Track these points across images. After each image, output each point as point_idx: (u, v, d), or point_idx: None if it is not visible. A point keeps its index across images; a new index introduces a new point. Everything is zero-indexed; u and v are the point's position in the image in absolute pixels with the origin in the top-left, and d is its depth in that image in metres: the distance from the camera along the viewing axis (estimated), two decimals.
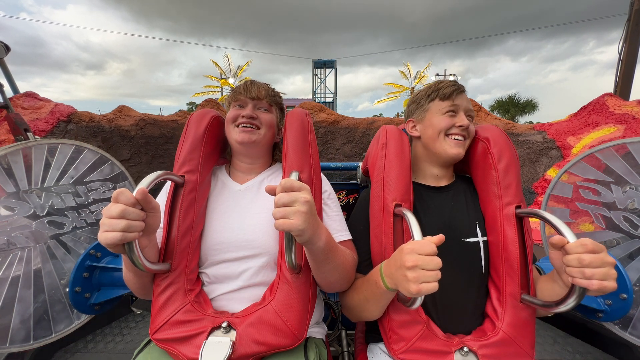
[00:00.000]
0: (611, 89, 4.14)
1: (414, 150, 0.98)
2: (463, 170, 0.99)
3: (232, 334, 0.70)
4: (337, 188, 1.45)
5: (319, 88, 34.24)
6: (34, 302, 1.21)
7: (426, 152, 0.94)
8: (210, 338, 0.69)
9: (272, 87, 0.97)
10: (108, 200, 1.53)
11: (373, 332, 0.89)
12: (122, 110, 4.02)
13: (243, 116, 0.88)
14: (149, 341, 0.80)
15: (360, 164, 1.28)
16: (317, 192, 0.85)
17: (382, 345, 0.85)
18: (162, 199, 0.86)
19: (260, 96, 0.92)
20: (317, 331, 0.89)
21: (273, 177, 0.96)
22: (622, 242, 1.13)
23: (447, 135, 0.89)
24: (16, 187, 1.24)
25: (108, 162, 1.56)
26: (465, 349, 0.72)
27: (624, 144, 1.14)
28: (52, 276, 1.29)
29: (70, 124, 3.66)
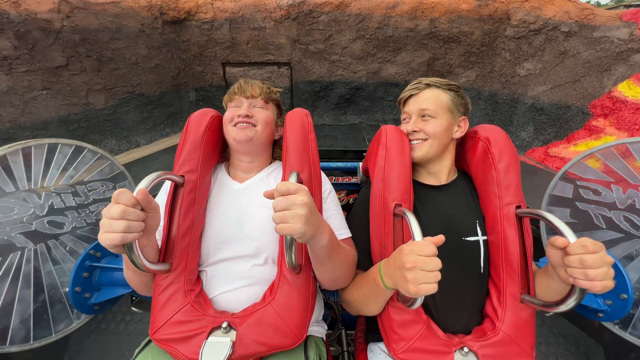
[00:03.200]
0: None
1: None
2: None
3: (232, 334, 0.70)
4: (337, 188, 1.45)
5: None
6: (34, 302, 1.21)
7: None
8: (210, 338, 0.69)
9: (267, 85, 0.99)
10: (108, 200, 1.53)
11: (373, 331, 0.89)
12: None
13: (239, 115, 0.89)
14: (149, 341, 0.80)
15: (360, 164, 1.28)
16: (317, 192, 0.85)
17: (382, 345, 0.85)
18: (161, 198, 0.86)
19: (254, 94, 0.93)
20: (317, 330, 0.89)
21: (273, 175, 0.96)
22: (622, 242, 1.13)
23: (411, 141, 0.92)
24: (16, 187, 1.24)
25: (108, 162, 1.56)
26: (465, 349, 0.72)
27: (624, 144, 1.14)
28: (52, 276, 1.29)
29: None
